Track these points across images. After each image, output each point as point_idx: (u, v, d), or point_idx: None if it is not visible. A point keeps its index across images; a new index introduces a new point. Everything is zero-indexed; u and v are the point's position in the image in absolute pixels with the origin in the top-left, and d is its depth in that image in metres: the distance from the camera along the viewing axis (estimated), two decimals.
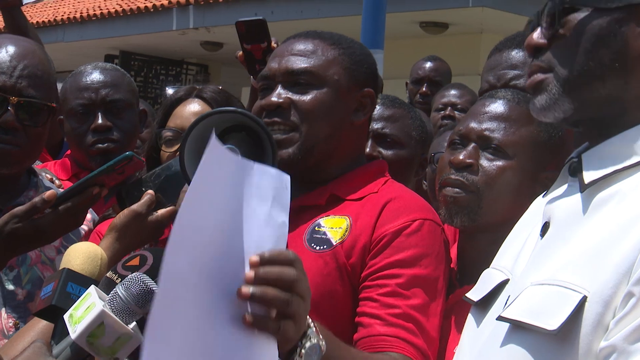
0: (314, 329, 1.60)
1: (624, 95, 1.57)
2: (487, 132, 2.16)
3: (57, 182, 2.70)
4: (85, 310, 1.59)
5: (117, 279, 1.71)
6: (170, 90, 5.32)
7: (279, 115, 2.15)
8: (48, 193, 2.17)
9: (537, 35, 1.63)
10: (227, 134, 1.99)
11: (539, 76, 1.62)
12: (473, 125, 2.19)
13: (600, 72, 1.57)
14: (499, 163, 2.13)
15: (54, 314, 1.69)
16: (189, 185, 1.98)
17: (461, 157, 2.15)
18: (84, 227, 2.63)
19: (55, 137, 3.91)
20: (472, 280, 1.94)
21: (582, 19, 1.58)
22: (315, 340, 1.59)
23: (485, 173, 2.13)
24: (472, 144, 2.17)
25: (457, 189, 2.13)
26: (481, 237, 2.15)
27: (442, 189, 2.17)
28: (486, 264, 1.83)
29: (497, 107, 2.20)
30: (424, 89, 5.63)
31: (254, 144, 1.99)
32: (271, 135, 1.97)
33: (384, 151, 2.86)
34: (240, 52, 2.83)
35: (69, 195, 2.19)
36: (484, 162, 2.14)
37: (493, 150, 2.15)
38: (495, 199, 2.12)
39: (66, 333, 1.61)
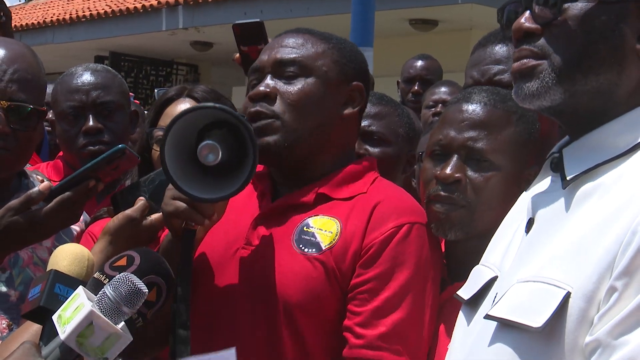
0: None
1: (614, 90, 1.57)
2: (470, 143, 2.13)
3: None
4: (74, 311, 1.59)
5: (104, 279, 1.72)
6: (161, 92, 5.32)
7: (265, 103, 2.15)
8: (43, 185, 2.18)
9: (526, 19, 1.60)
10: (209, 131, 2.01)
11: (531, 62, 1.59)
12: (453, 134, 2.15)
13: (597, 65, 1.56)
14: (486, 174, 2.12)
15: (42, 315, 1.70)
16: (172, 184, 2.01)
17: (448, 171, 2.12)
18: (76, 228, 2.63)
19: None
20: (462, 277, 1.94)
21: (586, 11, 1.56)
22: None
23: (474, 186, 2.11)
24: (456, 156, 2.14)
25: (448, 206, 2.12)
26: (472, 240, 2.14)
27: (430, 204, 2.15)
28: (476, 260, 1.82)
29: (476, 112, 2.15)
30: (416, 87, 5.63)
31: (236, 139, 2.00)
32: (251, 130, 1.97)
33: (370, 149, 2.85)
34: (237, 54, 2.84)
35: (64, 187, 2.19)
36: (471, 174, 2.12)
37: (478, 161, 2.12)
38: (486, 209, 2.11)
39: (55, 334, 1.62)
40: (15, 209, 2.16)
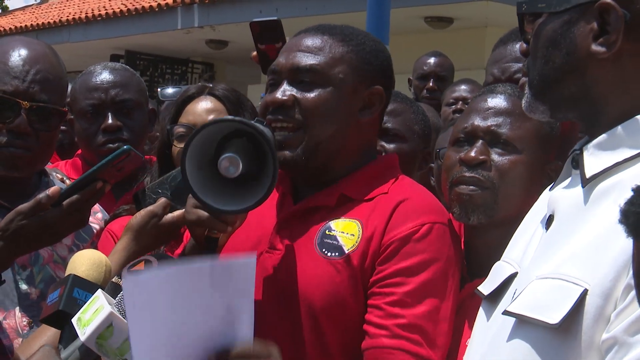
0: None
1: (589, 94, 1.59)
2: (494, 128, 2.16)
3: (67, 181, 2.71)
4: (94, 313, 1.62)
5: (122, 283, 1.73)
6: (169, 90, 5.34)
7: (283, 113, 2.13)
8: (52, 189, 2.18)
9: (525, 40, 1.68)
10: (229, 140, 2.01)
11: (523, 79, 1.67)
12: (478, 122, 2.19)
13: (555, 75, 1.60)
14: (511, 157, 2.14)
15: (61, 319, 1.72)
16: (192, 195, 2.01)
17: (473, 154, 2.15)
18: (95, 226, 2.64)
19: None
20: (482, 274, 1.94)
21: (539, 25, 1.61)
22: None
23: (499, 168, 2.13)
24: (480, 141, 2.17)
25: (473, 187, 2.13)
26: (492, 232, 2.15)
27: (454, 187, 2.17)
28: (496, 257, 1.83)
29: (500, 102, 2.19)
30: (430, 84, 5.63)
31: (255, 147, 2.00)
32: (271, 142, 1.97)
33: (386, 145, 2.86)
34: (255, 52, 2.85)
35: (72, 191, 2.20)
36: (496, 157, 2.15)
37: (502, 145, 2.15)
38: (510, 193, 2.13)
39: (74, 337, 1.64)
40: (24, 213, 2.16)
